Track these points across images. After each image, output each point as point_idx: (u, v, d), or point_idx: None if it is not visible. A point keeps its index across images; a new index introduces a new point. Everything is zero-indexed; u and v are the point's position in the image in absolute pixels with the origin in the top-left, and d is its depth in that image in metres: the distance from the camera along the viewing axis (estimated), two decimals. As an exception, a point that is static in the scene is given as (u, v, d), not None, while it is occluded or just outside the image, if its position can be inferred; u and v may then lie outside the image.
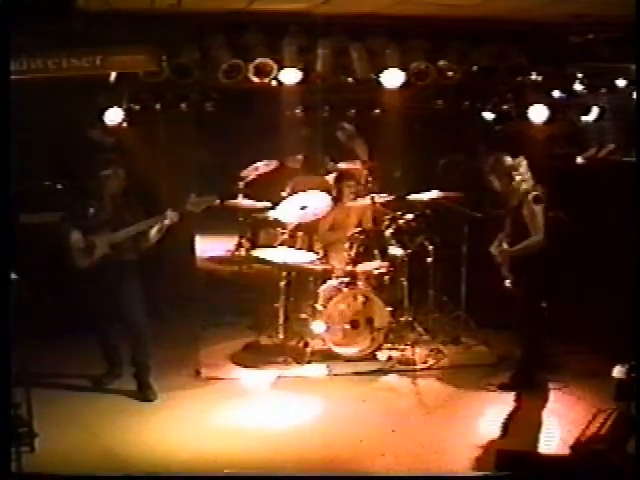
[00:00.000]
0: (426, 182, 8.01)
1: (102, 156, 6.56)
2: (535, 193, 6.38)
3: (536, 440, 5.69)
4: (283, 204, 7.60)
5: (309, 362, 7.20)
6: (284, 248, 7.60)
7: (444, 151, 9.00)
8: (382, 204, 7.78)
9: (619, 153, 7.82)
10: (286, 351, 7.35)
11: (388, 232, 7.64)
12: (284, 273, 7.54)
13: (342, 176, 8.13)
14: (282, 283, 7.52)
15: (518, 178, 6.45)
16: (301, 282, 7.76)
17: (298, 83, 7.41)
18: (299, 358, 7.24)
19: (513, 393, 6.51)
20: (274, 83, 7.36)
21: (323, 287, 7.46)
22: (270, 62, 7.17)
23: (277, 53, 7.22)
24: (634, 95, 7.48)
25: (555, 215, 6.70)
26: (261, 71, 7.19)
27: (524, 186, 6.45)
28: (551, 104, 7.77)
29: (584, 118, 8.05)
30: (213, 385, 6.81)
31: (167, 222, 6.30)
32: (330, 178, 8.52)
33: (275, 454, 5.54)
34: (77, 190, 7.34)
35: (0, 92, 4.67)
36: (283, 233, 7.80)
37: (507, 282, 6.64)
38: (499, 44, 7.46)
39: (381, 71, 7.39)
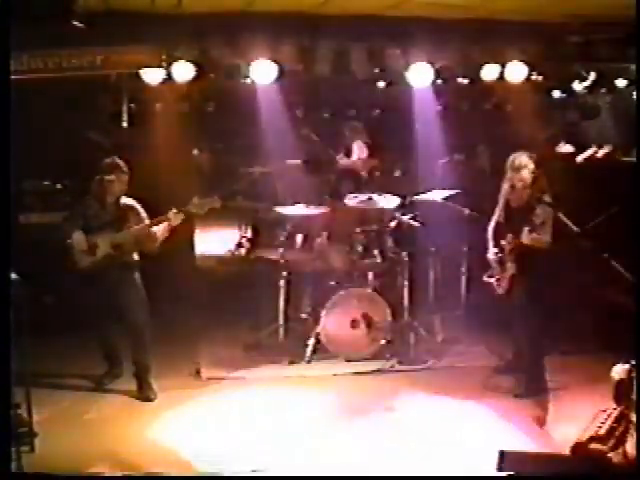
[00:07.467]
0: (426, 182, 8.01)
1: (106, 159, 6.52)
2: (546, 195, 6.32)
3: (536, 440, 5.69)
4: None
5: (309, 362, 7.21)
6: (285, 248, 7.61)
7: (444, 151, 9.00)
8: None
9: (618, 153, 7.83)
10: (286, 351, 7.37)
11: (388, 232, 7.64)
12: (284, 273, 7.55)
13: (342, 175, 8.13)
14: (282, 283, 7.52)
15: (533, 177, 6.35)
16: (301, 282, 7.77)
17: (298, 83, 7.42)
18: (299, 358, 7.25)
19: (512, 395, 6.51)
20: (274, 83, 7.37)
21: (323, 287, 7.46)
22: (270, 62, 7.17)
23: (277, 53, 7.23)
24: (634, 95, 7.50)
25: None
26: (261, 71, 7.20)
27: (538, 186, 6.33)
28: (550, 104, 7.80)
29: (584, 118, 8.06)
30: (213, 385, 6.81)
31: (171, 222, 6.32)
32: (330, 177, 8.54)
33: (275, 454, 5.53)
34: (77, 190, 7.34)
35: (0, 92, 4.67)
36: (283, 233, 7.81)
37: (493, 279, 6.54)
38: (499, 44, 7.47)
39: (380, 71, 7.40)
